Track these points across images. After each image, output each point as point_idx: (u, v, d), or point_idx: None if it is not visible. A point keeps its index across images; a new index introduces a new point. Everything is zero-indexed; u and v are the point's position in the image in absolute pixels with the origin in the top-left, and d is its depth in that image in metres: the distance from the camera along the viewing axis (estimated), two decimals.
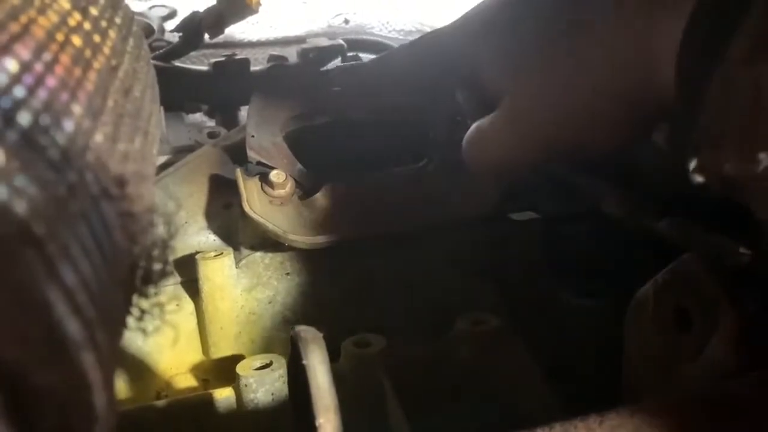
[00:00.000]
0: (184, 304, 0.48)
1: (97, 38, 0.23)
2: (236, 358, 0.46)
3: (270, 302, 0.48)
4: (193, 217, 0.51)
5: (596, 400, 0.31)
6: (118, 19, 0.26)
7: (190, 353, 0.48)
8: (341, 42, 0.65)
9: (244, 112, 0.65)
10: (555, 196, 0.52)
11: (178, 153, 0.60)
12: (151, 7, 0.78)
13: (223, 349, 0.48)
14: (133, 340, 0.46)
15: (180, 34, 0.64)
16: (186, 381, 0.47)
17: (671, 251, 0.38)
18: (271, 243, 0.47)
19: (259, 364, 0.42)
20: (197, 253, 0.48)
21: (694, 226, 0.37)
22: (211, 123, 0.68)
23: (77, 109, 0.18)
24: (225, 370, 0.47)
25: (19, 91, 0.16)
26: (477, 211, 0.48)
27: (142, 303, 0.20)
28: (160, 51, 0.65)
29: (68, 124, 0.17)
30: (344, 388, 0.34)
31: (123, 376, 0.46)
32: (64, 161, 0.16)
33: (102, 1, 0.26)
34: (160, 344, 0.47)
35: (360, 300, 0.48)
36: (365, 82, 0.55)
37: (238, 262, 0.48)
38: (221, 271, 0.47)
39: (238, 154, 0.53)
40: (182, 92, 0.64)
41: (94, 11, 0.24)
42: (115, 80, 0.22)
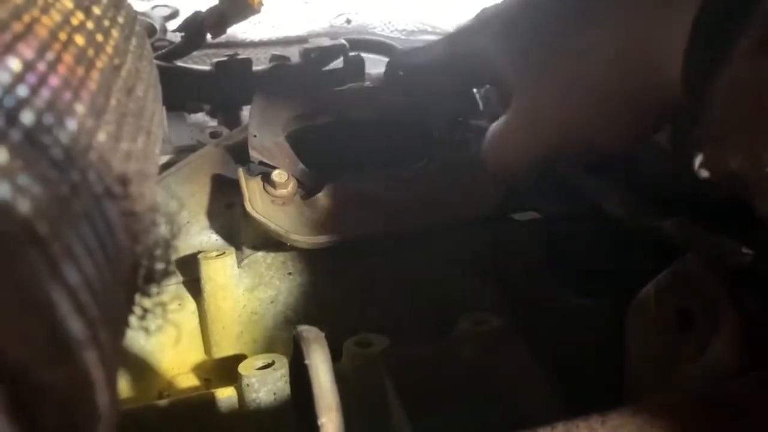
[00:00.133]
0: (187, 303, 0.48)
1: (99, 37, 0.23)
2: (238, 358, 0.46)
3: (272, 302, 0.48)
4: (195, 217, 0.51)
5: (597, 399, 0.31)
6: (120, 19, 0.26)
7: (192, 353, 0.48)
8: (343, 42, 0.65)
9: (246, 111, 0.65)
10: (556, 196, 0.52)
11: (180, 153, 0.60)
12: (153, 7, 0.78)
13: (225, 348, 0.48)
14: (136, 340, 0.46)
15: (182, 34, 0.64)
16: (188, 380, 0.48)
17: (672, 251, 0.39)
18: (273, 243, 0.47)
19: (261, 364, 0.42)
20: (199, 252, 0.48)
21: (695, 226, 0.37)
22: (213, 123, 0.68)
23: (80, 108, 0.18)
24: (227, 369, 0.47)
25: (23, 90, 0.16)
26: (479, 211, 0.48)
27: (145, 302, 0.20)
28: (163, 51, 0.65)
29: (71, 123, 0.17)
30: (346, 387, 0.34)
31: (125, 376, 0.46)
32: (67, 160, 0.16)
33: (105, 0, 0.26)
34: (162, 343, 0.47)
35: (362, 300, 0.48)
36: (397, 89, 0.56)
37: (240, 262, 0.48)
38: (223, 271, 0.47)
39: (240, 154, 0.53)
40: (184, 92, 0.64)
41: (96, 10, 0.24)
42: (118, 79, 0.23)
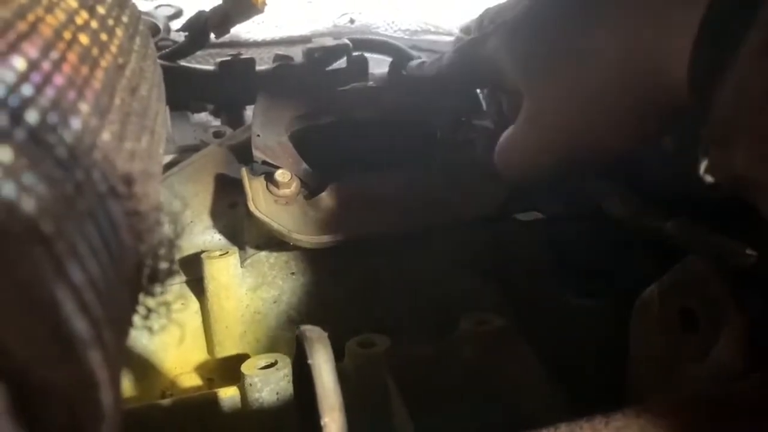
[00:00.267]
0: (190, 303, 0.48)
1: (104, 37, 0.23)
2: (241, 358, 0.46)
3: (275, 302, 0.48)
4: (199, 216, 0.51)
5: (599, 400, 0.31)
6: (125, 18, 0.26)
7: (195, 352, 0.48)
8: (347, 42, 0.65)
9: (249, 111, 0.65)
10: (558, 196, 0.52)
11: (184, 152, 0.60)
12: (157, 7, 0.78)
13: (228, 348, 0.48)
14: (139, 339, 0.46)
15: (186, 34, 0.64)
16: (191, 380, 0.48)
17: (674, 252, 0.38)
18: (277, 242, 0.47)
19: (264, 364, 0.42)
20: (203, 252, 0.48)
21: (697, 227, 0.37)
22: (216, 122, 0.68)
23: (84, 107, 0.18)
24: (230, 369, 0.47)
25: (27, 89, 0.16)
26: (481, 211, 0.48)
27: (149, 301, 0.20)
28: (166, 50, 0.65)
29: (76, 123, 0.17)
30: (348, 387, 0.34)
31: (128, 375, 0.46)
32: (71, 159, 0.16)
33: None
34: (165, 343, 0.47)
35: (364, 300, 0.48)
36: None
37: (243, 262, 0.48)
38: (226, 271, 0.47)
39: (243, 154, 0.53)
40: (188, 92, 0.64)
41: (101, 10, 0.24)
42: (122, 79, 0.23)
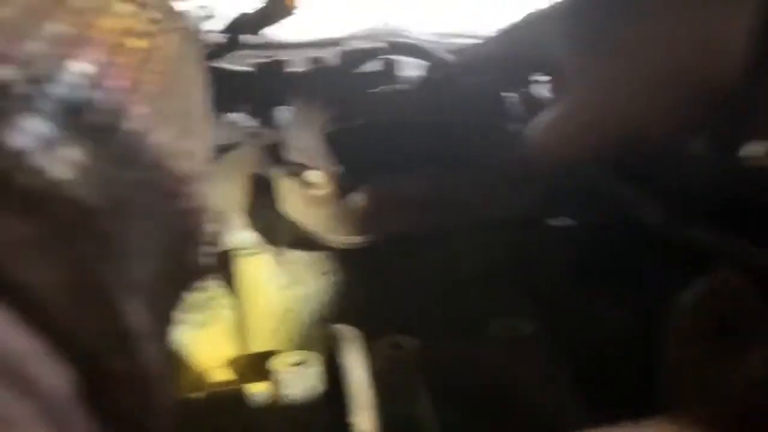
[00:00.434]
0: (222, 299, 0.49)
1: (154, 40, 0.24)
2: (271, 354, 0.47)
3: (305, 300, 0.49)
4: (232, 215, 0.52)
5: (627, 408, 0.31)
6: (173, 21, 0.27)
7: (227, 347, 0.49)
8: (380, 44, 0.65)
9: (282, 112, 0.66)
10: (587, 202, 0.52)
11: (219, 152, 0.61)
12: (190, 8, 0.79)
13: (259, 344, 0.48)
14: (181, 333, 0.47)
15: (220, 35, 0.65)
16: (222, 374, 0.48)
17: (706, 261, 0.38)
18: (308, 242, 0.48)
19: (294, 360, 0.42)
20: (236, 249, 0.49)
21: (733, 236, 0.37)
22: (250, 123, 0.69)
23: (139, 109, 0.19)
24: (260, 365, 0.47)
25: (92, 92, 0.17)
26: (511, 215, 0.48)
27: (194, 297, 0.21)
28: None
29: (131, 124, 0.18)
30: (376, 388, 0.35)
31: None
32: (132, 159, 0.17)
33: (159, 3, 0.27)
34: (198, 337, 0.48)
35: (394, 301, 0.48)
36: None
37: (275, 260, 0.49)
38: (259, 268, 0.48)
39: (277, 154, 0.54)
40: (222, 92, 0.65)
41: (151, 14, 0.25)
42: (171, 81, 0.23)
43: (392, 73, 0.64)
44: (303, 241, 0.49)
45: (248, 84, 0.64)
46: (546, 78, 0.53)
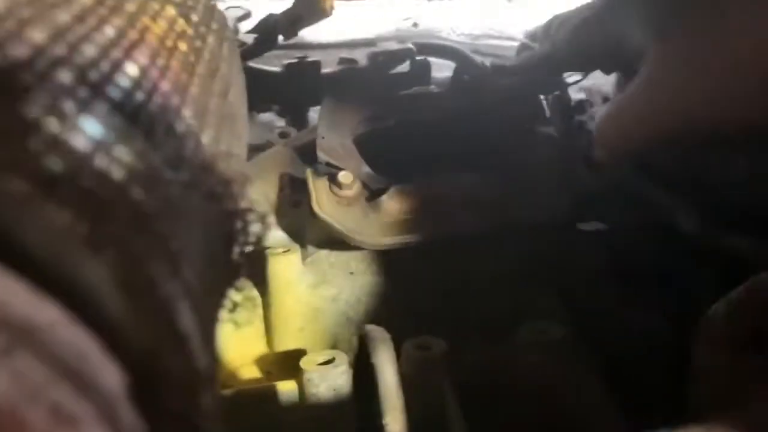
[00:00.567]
0: (253, 298, 0.50)
1: (198, 43, 0.24)
2: (299, 353, 0.47)
3: (333, 300, 0.49)
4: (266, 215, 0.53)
5: (659, 414, 0.31)
6: (214, 25, 0.28)
7: (255, 345, 0.50)
8: (410, 46, 0.66)
9: (313, 113, 0.67)
10: (623, 207, 0.51)
11: (250, 151, 0.61)
12: (227, 8, 0.81)
13: (286, 343, 0.49)
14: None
15: (255, 36, 0.65)
16: (250, 372, 0.49)
17: (743, 268, 0.38)
18: (337, 242, 0.48)
19: (322, 360, 0.42)
20: (266, 248, 0.49)
21: None
22: (281, 123, 0.70)
23: (187, 111, 0.19)
24: (288, 363, 0.48)
25: (140, 95, 0.17)
26: (544, 219, 0.48)
27: (235, 296, 0.21)
28: None
29: (181, 126, 0.18)
30: (404, 389, 0.35)
31: None
32: (179, 161, 0.17)
33: (201, 7, 0.27)
34: (227, 335, 0.49)
35: (423, 302, 0.48)
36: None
37: (304, 259, 0.49)
38: (288, 267, 0.48)
39: (307, 155, 0.54)
40: (255, 92, 0.65)
41: (195, 17, 0.25)
42: (215, 84, 0.24)
43: (425, 74, 0.64)
44: (332, 241, 0.49)
45: (279, 84, 0.64)
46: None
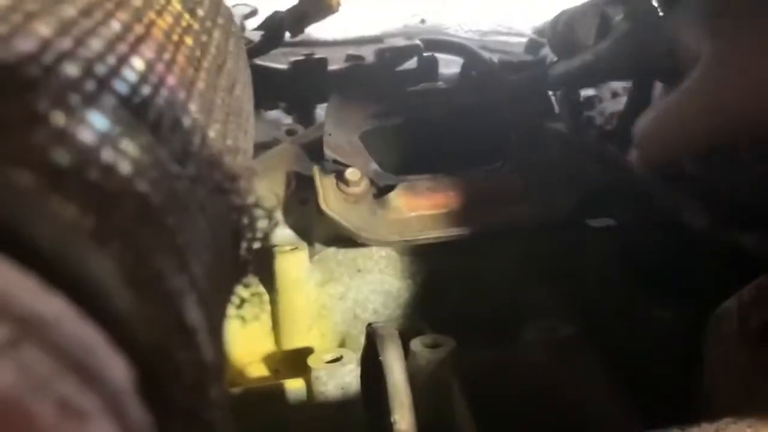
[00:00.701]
0: (260, 295, 0.50)
1: (204, 38, 0.24)
2: (307, 351, 0.47)
3: (341, 298, 0.49)
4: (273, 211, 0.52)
5: (670, 411, 0.30)
6: (220, 20, 0.27)
7: (263, 343, 0.50)
8: (417, 42, 0.65)
9: (320, 110, 0.66)
10: (633, 204, 0.51)
11: (257, 149, 0.61)
12: (233, 6, 0.81)
13: (294, 340, 0.49)
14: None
15: (262, 33, 0.65)
16: (258, 370, 0.49)
17: (753, 265, 0.37)
18: (345, 239, 0.48)
19: (329, 358, 0.42)
20: (274, 246, 0.49)
21: None
22: (288, 120, 0.70)
23: (193, 106, 0.19)
24: (295, 361, 0.48)
25: (146, 89, 0.17)
26: (552, 216, 0.48)
27: (243, 292, 0.21)
28: None
29: (187, 121, 0.18)
30: (412, 387, 0.35)
31: None
32: (185, 155, 0.17)
33: (207, 2, 0.27)
34: (235, 332, 0.49)
35: (430, 300, 0.48)
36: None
37: (311, 257, 0.49)
38: (296, 265, 0.48)
39: (314, 152, 0.54)
40: (262, 89, 0.65)
41: (201, 12, 0.25)
42: (221, 79, 0.24)
43: (432, 70, 0.64)
44: (340, 238, 0.49)
45: (286, 82, 0.64)
46: None
